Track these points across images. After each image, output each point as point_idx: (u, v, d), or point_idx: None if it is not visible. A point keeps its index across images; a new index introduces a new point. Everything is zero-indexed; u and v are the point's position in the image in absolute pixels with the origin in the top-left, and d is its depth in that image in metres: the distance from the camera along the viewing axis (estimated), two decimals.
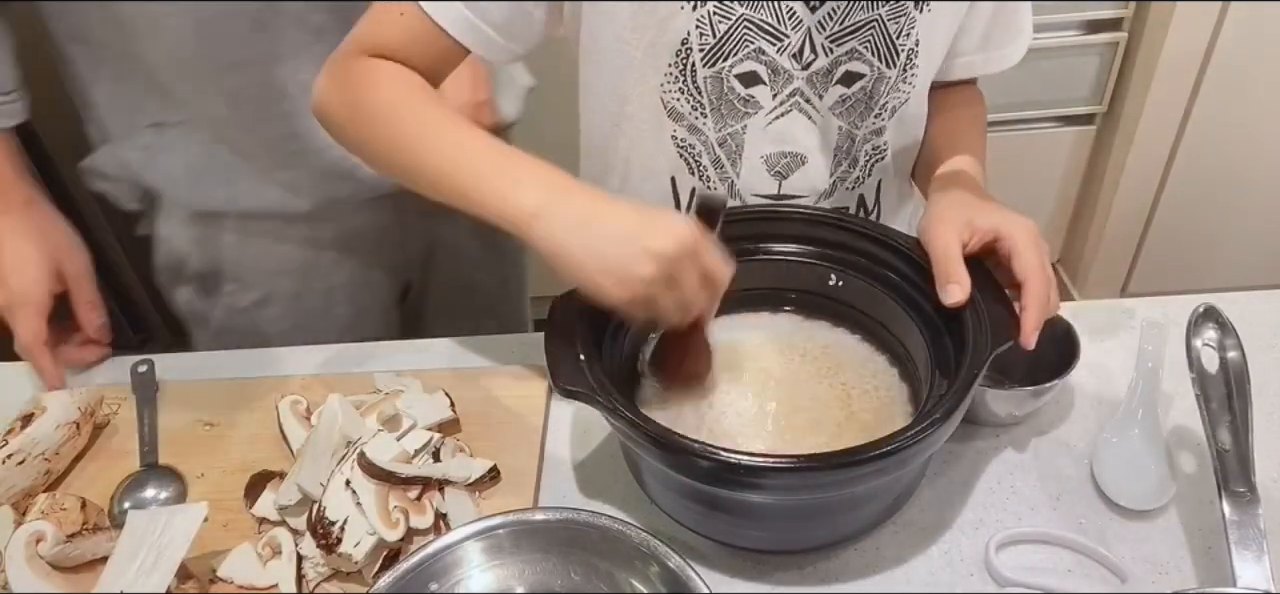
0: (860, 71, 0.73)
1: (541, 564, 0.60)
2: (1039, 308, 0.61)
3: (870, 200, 0.85)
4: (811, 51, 0.71)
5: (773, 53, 0.71)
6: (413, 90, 0.69)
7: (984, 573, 0.62)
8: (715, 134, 0.76)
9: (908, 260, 0.69)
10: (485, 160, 0.64)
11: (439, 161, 0.65)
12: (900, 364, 0.71)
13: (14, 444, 0.70)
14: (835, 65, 0.73)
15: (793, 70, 0.73)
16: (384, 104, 0.68)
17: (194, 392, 0.82)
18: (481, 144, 0.65)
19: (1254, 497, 0.57)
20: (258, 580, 0.62)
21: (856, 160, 0.80)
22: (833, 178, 0.80)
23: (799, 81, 0.73)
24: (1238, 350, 0.62)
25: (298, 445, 0.71)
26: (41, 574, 0.60)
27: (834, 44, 0.71)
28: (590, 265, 0.59)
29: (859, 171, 0.81)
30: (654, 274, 0.58)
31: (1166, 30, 1.73)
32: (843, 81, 0.74)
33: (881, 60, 0.73)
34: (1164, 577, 0.61)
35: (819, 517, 0.61)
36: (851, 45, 0.72)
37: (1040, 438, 0.71)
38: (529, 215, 0.60)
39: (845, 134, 0.78)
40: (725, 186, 0.80)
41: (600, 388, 0.59)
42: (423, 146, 0.66)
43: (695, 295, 0.60)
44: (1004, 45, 0.79)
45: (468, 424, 0.75)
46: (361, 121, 0.69)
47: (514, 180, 0.62)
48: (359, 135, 0.70)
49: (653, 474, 0.64)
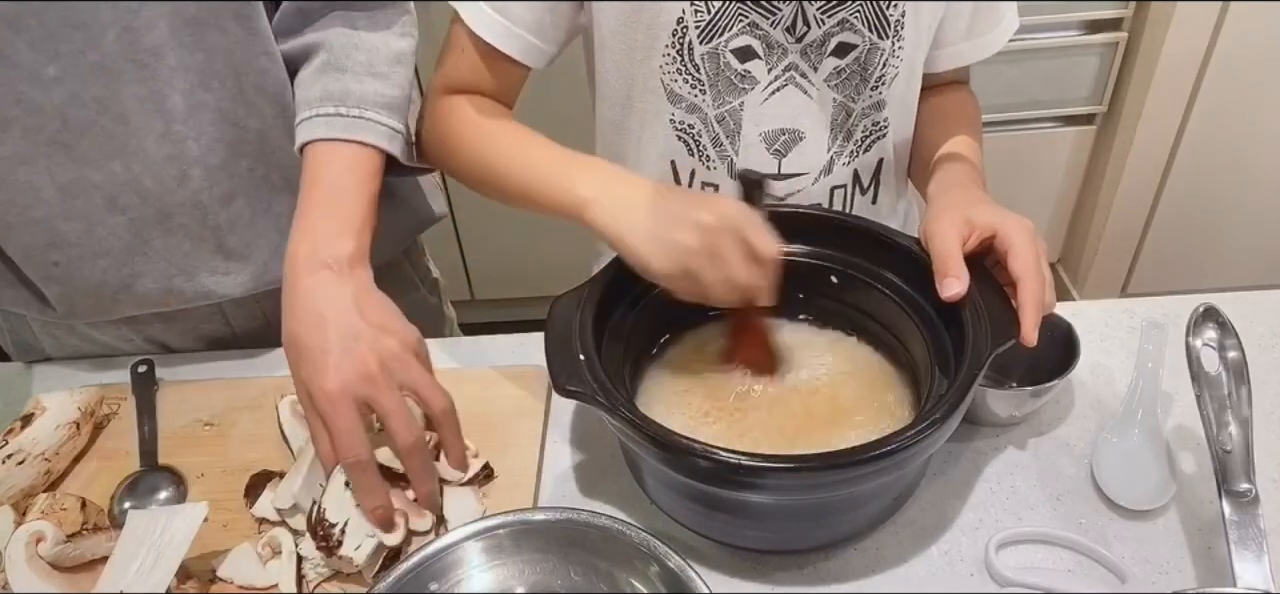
0: (852, 42, 0.75)
1: (541, 564, 0.60)
2: (1035, 305, 0.61)
3: (866, 178, 0.86)
4: (804, 23, 0.74)
5: (766, 26, 0.74)
6: (482, 115, 0.77)
7: (984, 573, 0.62)
8: (713, 112, 0.78)
9: (908, 260, 0.69)
10: (547, 163, 0.72)
11: (509, 170, 0.74)
12: (900, 364, 0.71)
13: (14, 444, 0.70)
14: (828, 36, 0.75)
15: (786, 43, 0.75)
16: (461, 132, 0.77)
17: (194, 392, 0.82)
18: (543, 151, 0.73)
19: (1254, 497, 0.57)
20: (258, 580, 0.63)
21: (852, 134, 0.81)
22: (830, 153, 0.82)
23: (794, 55, 0.76)
24: (1238, 350, 0.62)
25: (298, 445, 0.71)
26: (41, 574, 0.60)
27: (825, 15, 0.74)
28: (638, 236, 0.64)
29: (854, 146, 0.82)
30: (696, 244, 0.61)
31: (1166, 30, 1.73)
32: (836, 53, 0.76)
33: (872, 30, 0.75)
34: (1164, 577, 0.61)
35: (819, 517, 0.61)
36: (842, 15, 0.74)
37: (1040, 438, 0.71)
38: (586, 202, 0.67)
39: (841, 107, 0.79)
40: (724, 166, 0.80)
41: (600, 388, 0.59)
42: (497, 160, 0.75)
43: (740, 270, 0.62)
44: (987, 32, 0.81)
45: (468, 424, 0.75)
46: (448, 152, 0.78)
47: (572, 178, 0.69)
48: (449, 164, 0.79)
49: (653, 474, 0.64)
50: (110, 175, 0.73)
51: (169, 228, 0.78)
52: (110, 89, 0.70)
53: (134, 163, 0.73)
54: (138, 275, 0.80)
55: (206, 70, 0.72)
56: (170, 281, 0.81)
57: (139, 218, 0.76)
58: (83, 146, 0.71)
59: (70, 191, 0.73)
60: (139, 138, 0.72)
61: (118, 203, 0.75)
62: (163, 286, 0.81)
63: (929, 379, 0.65)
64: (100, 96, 0.70)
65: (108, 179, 0.74)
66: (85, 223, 0.75)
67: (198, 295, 0.82)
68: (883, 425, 0.66)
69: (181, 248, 0.79)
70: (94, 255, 0.77)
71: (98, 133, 0.71)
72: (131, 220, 0.76)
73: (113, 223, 0.76)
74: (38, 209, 0.74)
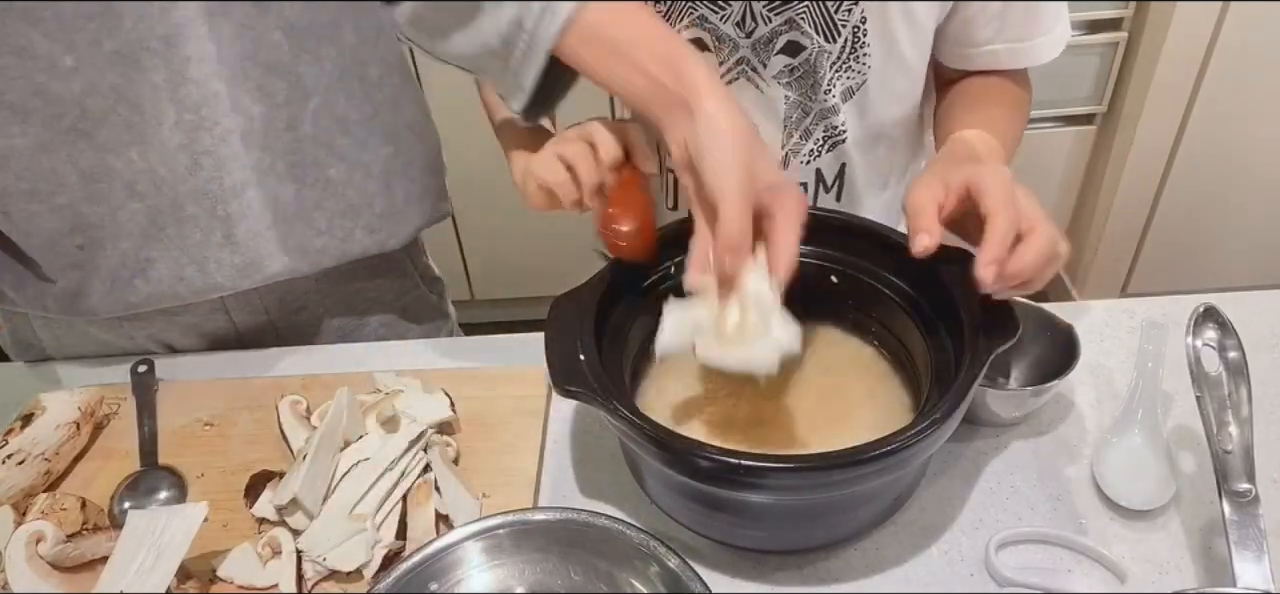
0: (801, 43, 0.76)
1: (541, 564, 0.60)
2: (998, 242, 0.58)
3: (829, 177, 0.86)
4: (752, 19, 0.76)
5: (715, 20, 0.76)
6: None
7: (984, 573, 0.62)
8: None
9: (907, 260, 0.69)
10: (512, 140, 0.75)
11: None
12: (900, 364, 0.71)
13: (14, 444, 0.70)
14: (775, 34, 0.76)
15: (737, 38, 0.77)
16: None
17: (194, 392, 0.82)
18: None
19: (1254, 497, 0.57)
20: (258, 580, 0.63)
21: (810, 133, 0.82)
22: (785, 150, 0.83)
23: (744, 50, 0.77)
24: (1238, 350, 0.62)
25: (298, 445, 0.71)
26: (41, 574, 0.60)
27: (773, 13, 0.75)
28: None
29: (814, 145, 0.83)
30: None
31: (1166, 30, 1.73)
32: (786, 51, 0.77)
33: (820, 33, 0.76)
34: (1164, 577, 0.61)
35: (819, 517, 0.61)
36: (789, 16, 0.75)
37: (1040, 438, 0.71)
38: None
39: (794, 105, 0.80)
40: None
41: (600, 388, 0.59)
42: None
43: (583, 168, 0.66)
44: (1023, 39, 0.79)
45: (468, 424, 0.75)
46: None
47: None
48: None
49: (653, 474, 0.64)
50: (128, 162, 0.75)
51: (181, 217, 0.79)
52: (126, 77, 0.71)
53: (149, 151, 0.75)
54: (152, 262, 0.80)
55: (218, 59, 0.73)
56: (182, 271, 0.81)
57: (155, 205, 0.78)
58: (102, 134, 0.73)
59: (92, 176, 0.75)
60: (153, 126, 0.73)
61: (135, 189, 0.76)
62: (174, 274, 0.81)
63: (929, 379, 0.65)
64: (117, 85, 0.71)
65: (126, 166, 0.75)
66: (108, 207, 0.77)
67: (207, 286, 0.83)
68: (883, 425, 0.66)
69: (193, 237, 0.80)
70: (115, 237, 0.79)
71: (115, 121, 0.72)
72: (148, 207, 0.78)
73: (132, 209, 0.77)
74: (61, 195, 0.75)
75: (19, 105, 0.70)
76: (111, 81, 0.71)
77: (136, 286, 0.82)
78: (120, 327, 0.89)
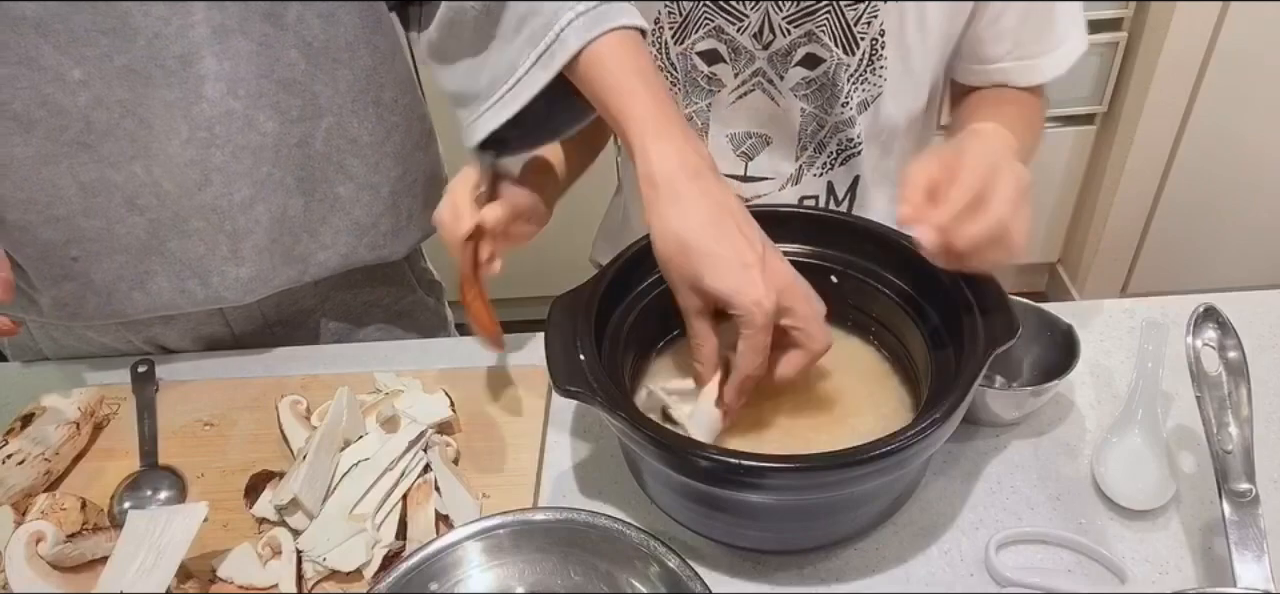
0: (820, 55, 0.76)
1: (541, 564, 0.60)
2: (947, 208, 0.58)
3: (840, 190, 0.86)
4: (771, 32, 0.75)
5: (732, 32, 0.76)
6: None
7: (984, 573, 0.62)
8: (683, 111, 0.80)
9: (908, 260, 0.69)
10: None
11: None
12: (900, 364, 0.71)
13: (14, 444, 0.70)
14: (794, 46, 0.76)
15: (754, 50, 0.77)
16: None
17: (194, 392, 0.82)
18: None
19: (1254, 497, 0.57)
20: (257, 580, 0.63)
21: (825, 146, 0.81)
22: (799, 163, 0.82)
23: (761, 61, 0.77)
24: (1238, 350, 0.62)
25: (298, 445, 0.71)
26: (41, 574, 0.60)
27: (792, 25, 0.74)
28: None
29: (827, 158, 0.82)
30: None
31: (1166, 30, 1.73)
32: (804, 64, 0.77)
33: (840, 46, 0.75)
34: (1164, 577, 0.61)
35: (819, 517, 0.61)
36: (809, 28, 0.74)
37: (1040, 438, 0.71)
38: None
39: (810, 117, 0.80)
40: None
41: (600, 388, 0.59)
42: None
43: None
44: (1037, 54, 0.78)
45: (468, 424, 0.75)
46: None
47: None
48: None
49: (653, 474, 0.64)
50: (131, 176, 0.74)
51: (185, 231, 0.78)
52: (137, 93, 0.70)
53: (155, 165, 0.74)
54: (151, 274, 0.80)
55: (234, 77, 0.72)
56: (184, 283, 0.81)
57: (157, 219, 0.77)
58: (105, 148, 0.72)
59: (92, 190, 0.74)
60: (162, 142, 0.73)
61: (137, 203, 0.76)
62: (175, 287, 0.81)
63: (929, 379, 0.65)
64: (125, 100, 0.70)
65: (128, 180, 0.74)
66: (105, 221, 0.76)
67: (208, 298, 0.82)
68: (883, 425, 0.66)
69: (196, 251, 0.80)
70: (112, 251, 0.78)
71: (121, 135, 0.72)
72: (150, 221, 0.77)
73: (131, 222, 0.77)
74: (59, 207, 0.75)
75: (23, 115, 0.70)
76: (119, 96, 0.70)
77: (134, 298, 0.81)
78: (116, 331, 0.89)
